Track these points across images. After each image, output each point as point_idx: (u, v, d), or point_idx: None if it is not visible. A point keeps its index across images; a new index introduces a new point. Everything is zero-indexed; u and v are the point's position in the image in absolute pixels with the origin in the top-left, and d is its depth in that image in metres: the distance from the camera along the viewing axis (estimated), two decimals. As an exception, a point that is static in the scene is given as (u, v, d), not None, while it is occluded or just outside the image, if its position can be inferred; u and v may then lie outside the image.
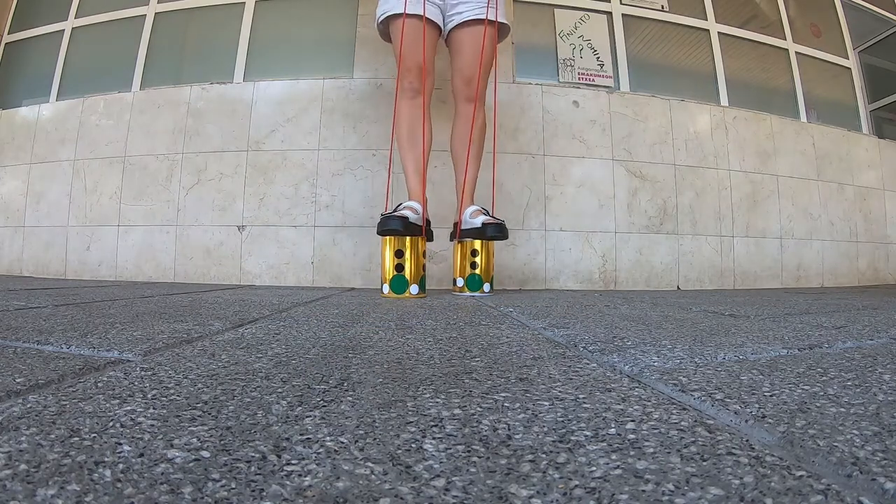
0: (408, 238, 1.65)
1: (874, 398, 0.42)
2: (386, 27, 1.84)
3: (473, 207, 1.79)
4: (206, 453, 0.29)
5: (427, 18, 1.75)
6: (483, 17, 1.76)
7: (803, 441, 0.32)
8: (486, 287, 1.77)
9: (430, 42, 1.79)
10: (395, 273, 1.65)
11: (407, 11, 1.72)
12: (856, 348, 0.68)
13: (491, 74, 1.88)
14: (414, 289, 1.66)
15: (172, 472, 0.27)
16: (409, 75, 1.76)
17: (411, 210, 1.67)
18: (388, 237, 1.64)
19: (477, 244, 1.77)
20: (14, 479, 0.25)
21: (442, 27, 1.83)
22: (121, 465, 0.27)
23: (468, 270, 1.77)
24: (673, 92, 2.59)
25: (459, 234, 1.80)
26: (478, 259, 1.77)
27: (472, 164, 1.83)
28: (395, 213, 1.62)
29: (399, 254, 1.65)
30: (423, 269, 1.72)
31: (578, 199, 2.37)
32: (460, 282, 1.78)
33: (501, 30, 1.84)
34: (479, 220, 1.72)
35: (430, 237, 1.77)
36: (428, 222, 1.76)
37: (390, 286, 1.64)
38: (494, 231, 1.68)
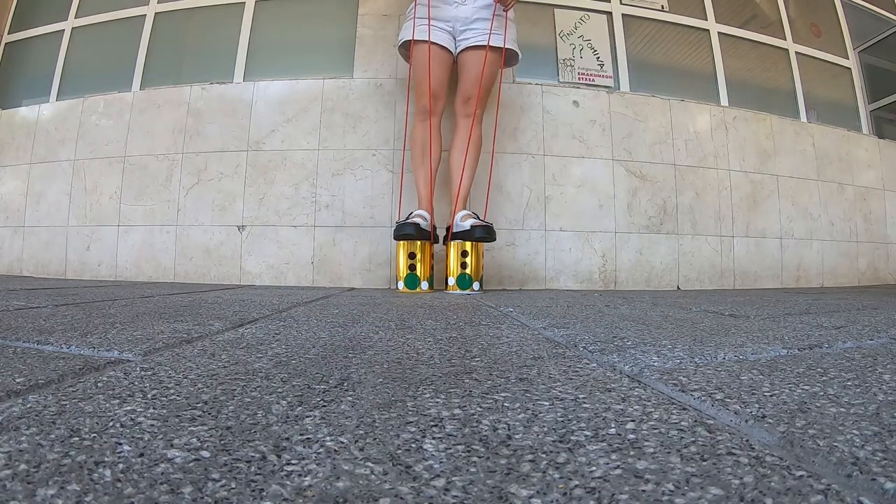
0: (419, 242, 1.89)
1: (874, 398, 0.42)
2: (407, 50, 2.02)
3: (464, 212, 1.95)
4: (206, 453, 0.29)
5: (439, 45, 1.92)
6: (485, 43, 1.90)
7: (803, 441, 0.32)
8: (476, 286, 1.91)
9: (443, 67, 1.96)
10: (409, 272, 1.90)
11: (418, 38, 1.91)
12: (856, 348, 0.68)
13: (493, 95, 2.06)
14: (424, 285, 1.91)
15: (172, 472, 0.27)
16: (422, 99, 1.95)
17: (421, 217, 1.89)
18: (402, 241, 1.89)
19: (467, 246, 1.91)
20: (14, 479, 0.25)
21: (453, 51, 1.98)
22: (121, 465, 0.27)
23: (459, 270, 1.91)
24: (673, 92, 2.59)
25: (451, 236, 1.95)
26: (468, 260, 1.91)
27: (467, 174, 1.99)
28: (409, 221, 1.85)
29: (412, 255, 1.90)
30: (432, 270, 1.97)
31: (578, 199, 2.37)
32: (452, 281, 1.92)
33: (510, 56, 1.99)
34: (468, 224, 1.89)
35: (436, 240, 1.99)
36: (435, 227, 1.99)
37: (405, 283, 1.90)
38: (482, 233, 1.84)
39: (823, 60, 3.06)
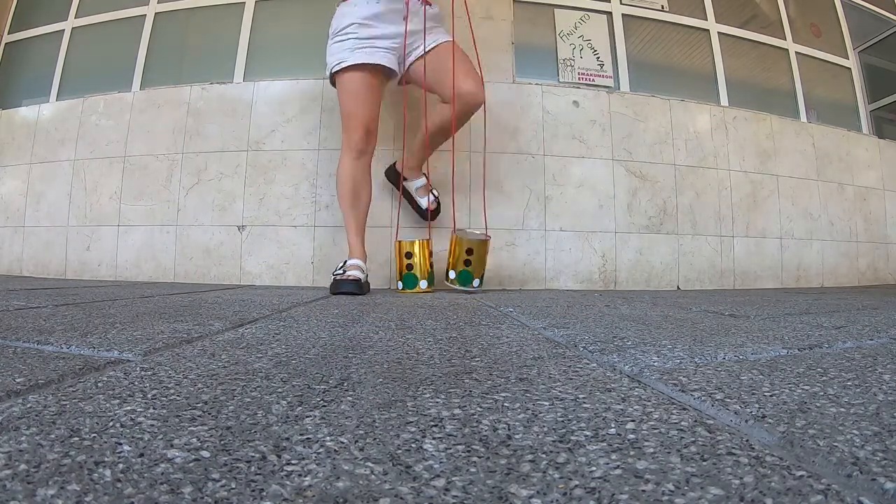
0: (417, 241, 1.87)
1: (874, 398, 0.42)
2: (335, 77, 1.82)
3: (422, 181, 2.01)
4: (206, 453, 0.29)
5: (381, 68, 1.78)
6: (438, 42, 1.84)
7: (803, 441, 0.32)
8: (476, 283, 1.89)
9: (378, 98, 1.83)
10: (407, 272, 1.86)
11: (371, 61, 1.73)
12: (856, 348, 0.68)
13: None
14: (423, 284, 1.86)
15: (172, 472, 0.27)
16: (354, 134, 1.80)
17: (357, 269, 1.75)
18: (399, 242, 1.88)
19: (473, 245, 1.88)
20: (14, 479, 0.25)
21: (399, 71, 1.86)
22: (121, 465, 0.27)
23: (461, 266, 1.87)
24: (673, 92, 2.59)
25: (400, 188, 2.05)
26: (472, 257, 1.88)
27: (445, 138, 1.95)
28: (347, 277, 1.69)
29: (409, 255, 1.87)
30: (431, 267, 1.91)
31: (578, 199, 2.36)
32: (453, 274, 1.89)
33: None
34: (424, 201, 2.00)
35: (367, 289, 1.82)
36: (367, 274, 1.84)
37: (403, 283, 1.86)
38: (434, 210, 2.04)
39: (823, 60, 3.06)
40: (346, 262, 1.79)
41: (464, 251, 1.87)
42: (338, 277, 1.71)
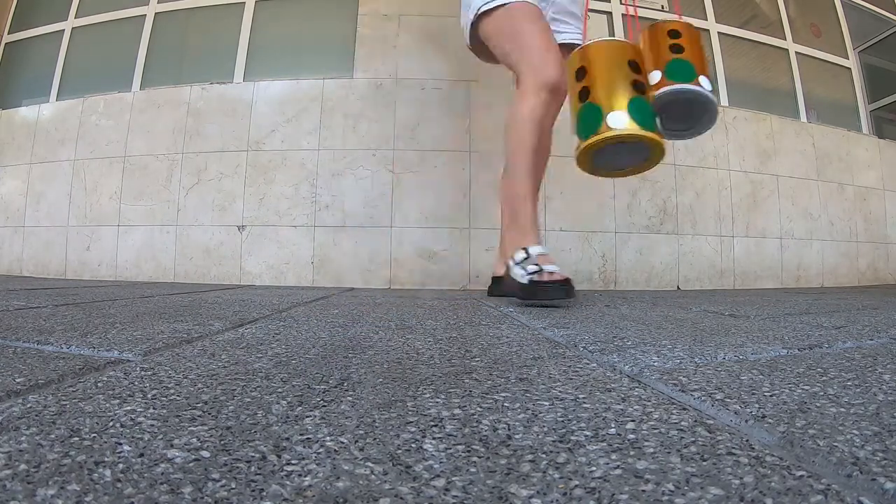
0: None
1: (874, 398, 0.42)
2: (481, 22, 1.37)
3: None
4: (206, 453, 0.29)
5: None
6: (578, 42, 1.43)
7: (803, 441, 0.32)
8: (706, 81, 1.05)
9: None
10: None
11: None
12: (856, 348, 0.67)
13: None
14: (621, 120, 0.99)
15: (172, 472, 0.27)
16: (547, 68, 1.30)
17: (549, 261, 1.22)
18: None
19: (680, 27, 1.12)
20: (14, 479, 0.25)
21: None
22: (121, 465, 0.27)
23: (668, 56, 1.07)
24: (673, 92, 2.59)
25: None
26: (681, 41, 1.09)
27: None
28: (553, 277, 1.17)
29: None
30: (635, 89, 1.03)
31: (578, 199, 2.36)
32: (657, 76, 1.06)
33: None
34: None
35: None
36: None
37: (629, 114, 1.05)
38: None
39: (823, 60, 3.06)
40: (527, 251, 1.24)
41: (666, 35, 1.11)
42: (535, 278, 1.16)
